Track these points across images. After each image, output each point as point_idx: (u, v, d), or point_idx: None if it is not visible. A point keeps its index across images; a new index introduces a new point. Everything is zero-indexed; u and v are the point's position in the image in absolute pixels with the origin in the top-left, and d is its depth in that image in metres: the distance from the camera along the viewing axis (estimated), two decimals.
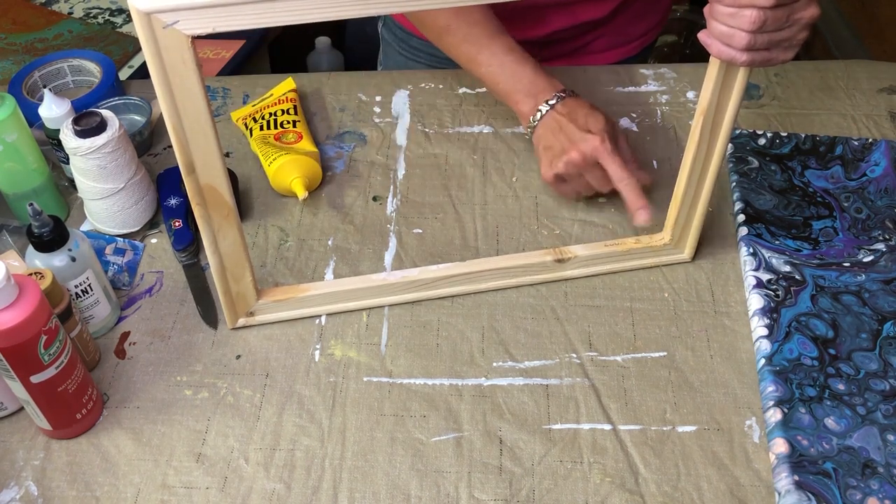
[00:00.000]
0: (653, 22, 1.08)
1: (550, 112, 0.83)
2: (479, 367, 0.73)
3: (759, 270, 0.78)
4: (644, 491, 0.65)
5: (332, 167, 0.92)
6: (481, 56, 0.87)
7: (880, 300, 0.75)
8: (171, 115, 0.59)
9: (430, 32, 0.93)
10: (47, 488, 0.66)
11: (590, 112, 0.82)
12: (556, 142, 0.82)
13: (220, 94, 1.02)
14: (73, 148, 0.78)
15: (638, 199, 0.78)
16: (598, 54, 1.07)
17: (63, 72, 1.01)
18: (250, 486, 0.66)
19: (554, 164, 0.82)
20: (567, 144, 0.81)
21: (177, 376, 0.73)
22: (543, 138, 0.84)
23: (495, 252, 0.83)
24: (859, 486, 0.63)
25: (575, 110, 0.83)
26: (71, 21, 1.55)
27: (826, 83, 1.02)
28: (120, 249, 0.82)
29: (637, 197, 0.78)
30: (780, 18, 0.61)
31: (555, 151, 0.82)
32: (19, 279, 0.61)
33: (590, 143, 0.79)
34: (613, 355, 0.74)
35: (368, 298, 0.77)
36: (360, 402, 0.71)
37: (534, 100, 0.85)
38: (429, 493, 0.65)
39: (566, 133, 0.82)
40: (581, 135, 0.80)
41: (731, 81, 0.66)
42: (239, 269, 0.72)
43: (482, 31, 0.88)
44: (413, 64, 1.11)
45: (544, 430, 0.69)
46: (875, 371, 0.70)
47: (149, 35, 0.54)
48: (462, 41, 0.88)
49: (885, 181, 0.87)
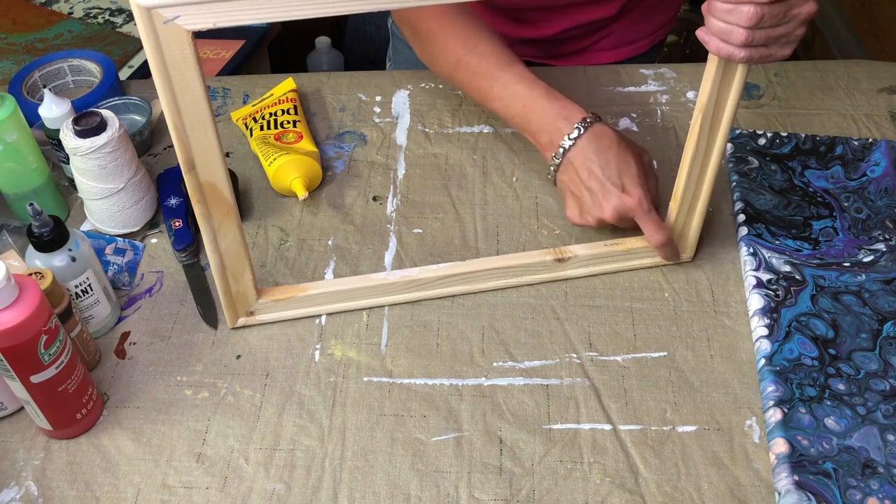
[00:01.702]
0: (662, 20, 1.08)
1: (576, 151, 0.78)
2: (479, 366, 0.73)
3: (760, 270, 0.78)
4: (644, 491, 0.65)
5: (332, 167, 0.92)
6: (493, 90, 0.84)
7: (880, 300, 0.75)
8: (171, 112, 0.59)
9: (442, 72, 0.90)
10: (47, 488, 0.66)
11: (619, 154, 0.77)
12: (587, 193, 0.78)
13: (220, 94, 1.02)
14: (73, 148, 0.78)
15: (672, 255, 0.79)
16: (607, 52, 1.06)
17: (63, 72, 1.01)
18: (250, 486, 0.66)
19: (584, 217, 0.79)
20: (601, 201, 0.77)
21: (177, 376, 0.73)
22: (571, 183, 0.79)
23: (495, 252, 0.83)
24: (859, 486, 0.63)
25: (605, 154, 0.77)
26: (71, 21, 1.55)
27: (826, 83, 1.02)
28: (120, 249, 0.82)
29: (671, 253, 0.79)
30: (777, 14, 0.61)
31: (584, 204, 0.79)
32: (19, 279, 0.61)
33: (626, 204, 0.76)
34: (613, 355, 0.74)
35: (368, 298, 0.77)
36: (360, 402, 0.71)
37: (549, 133, 0.80)
38: (429, 493, 0.65)
39: (598, 183, 0.77)
40: (616, 193, 0.76)
41: (730, 78, 0.66)
42: (239, 268, 0.72)
43: (491, 63, 0.84)
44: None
45: (544, 430, 0.69)
46: (875, 371, 0.70)
47: (150, 30, 0.54)
48: (472, 76, 0.85)
49: (885, 181, 0.87)
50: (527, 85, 0.82)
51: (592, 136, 0.78)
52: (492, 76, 0.84)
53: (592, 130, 0.78)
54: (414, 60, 1.12)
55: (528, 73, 0.83)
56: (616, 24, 1.04)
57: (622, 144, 0.79)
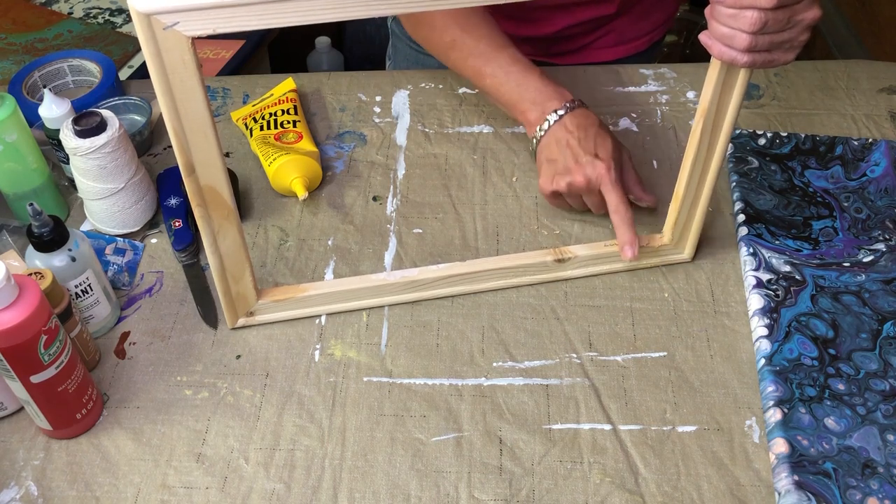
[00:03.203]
0: (661, 18, 1.08)
1: (559, 124, 0.82)
2: (479, 367, 0.73)
3: (759, 270, 0.78)
4: (644, 491, 0.65)
5: (332, 167, 0.92)
6: (487, 68, 0.87)
7: (880, 300, 0.75)
8: (171, 117, 0.59)
9: (436, 49, 0.93)
10: (47, 488, 0.66)
11: (599, 132, 0.81)
12: (561, 157, 0.81)
13: (220, 94, 1.02)
14: (73, 148, 0.78)
15: (626, 234, 0.77)
16: (606, 50, 1.07)
17: (63, 72, 1.01)
18: (250, 486, 0.66)
19: (556, 181, 0.81)
20: (572, 164, 0.80)
21: (177, 376, 0.73)
22: (547, 150, 0.83)
23: (495, 252, 0.83)
24: (859, 486, 0.63)
25: (586, 128, 0.81)
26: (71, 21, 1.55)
27: (826, 83, 1.02)
28: (120, 249, 0.82)
29: (626, 231, 0.77)
30: (781, 20, 0.61)
31: (557, 167, 0.81)
32: (19, 279, 0.61)
33: (597, 169, 0.78)
34: (613, 355, 0.74)
35: (368, 298, 0.77)
36: (360, 402, 0.71)
37: (541, 108, 0.83)
38: (429, 493, 0.65)
39: (573, 152, 0.80)
40: (589, 158, 0.79)
41: (732, 82, 0.66)
42: (239, 269, 0.72)
43: (488, 45, 0.87)
44: (423, 57, 1.11)
45: (544, 430, 0.69)
46: (875, 371, 0.70)
47: (149, 36, 0.54)
48: (468, 55, 0.88)
49: (885, 181, 0.87)
50: (522, 66, 0.86)
51: (579, 114, 0.82)
52: (487, 56, 0.87)
53: (580, 111, 0.83)
54: (414, 59, 1.12)
55: (523, 57, 0.87)
56: (615, 22, 1.04)
57: (604, 127, 0.83)
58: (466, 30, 0.88)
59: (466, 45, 0.88)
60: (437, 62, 1.08)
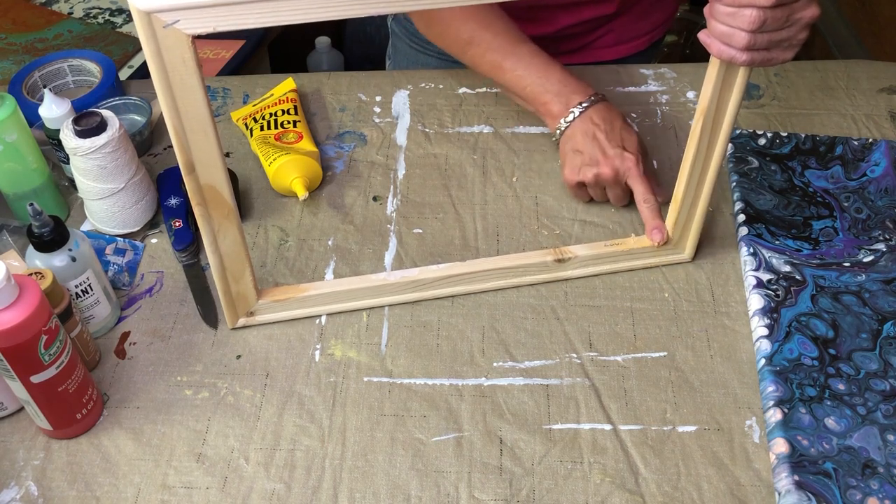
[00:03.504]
0: (661, 18, 1.08)
1: (584, 116, 0.83)
2: (479, 367, 0.73)
3: (760, 270, 0.78)
4: (644, 491, 0.65)
5: (332, 167, 0.92)
6: (507, 62, 0.87)
7: (880, 300, 0.75)
8: (171, 115, 0.59)
9: (452, 47, 0.93)
10: (47, 488, 0.66)
11: (624, 126, 0.83)
12: (588, 149, 0.82)
13: (220, 94, 1.02)
14: (73, 148, 0.78)
15: (655, 219, 0.80)
16: (606, 49, 1.07)
17: (63, 72, 1.01)
18: (250, 486, 0.66)
19: (583, 172, 0.83)
20: (600, 157, 0.82)
21: (177, 376, 0.73)
22: (572, 141, 0.84)
23: (495, 252, 0.83)
24: (859, 486, 0.63)
25: (611, 121, 0.83)
26: (71, 21, 1.55)
27: (826, 83, 1.02)
28: (120, 249, 0.82)
29: (654, 216, 0.80)
30: (779, 18, 0.61)
31: (584, 159, 0.83)
32: (19, 279, 0.61)
33: (626, 162, 0.81)
34: (613, 355, 0.74)
35: (368, 298, 0.77)
36: (360, 402, 0.71)
37: (565, 100, 0.85)
38: (429, 493, 0.65)
39: (600, 144, 0.82)
40: (617, 151, 0.81)
41: (732, 81, 0.66)
42: (239, 269, 0.72)
43: (506, 40, 0.88)
44: (423, 57, 1.11)
45: (544, 430, 0.69)
46: (875, 371, 0.70)
47: (149, 35, 0.54)
48: (486, 50, 0.89)
49: (885, 181, 0.87)
50: (543, 60, 0.87)
51: (602, 107, 0.84)
52: (506, 50, 0.88)
53: (603, 104, 0.85)
54: (414, 59, 1.12)
55: (542, 51, 0.88)
56: (615, 22, 1.04)
57: (627, 121, 0.85)
58: (484, 25, 0.88)
59: (485, 41, 0.88)
60: (437, 62, 1.08)
